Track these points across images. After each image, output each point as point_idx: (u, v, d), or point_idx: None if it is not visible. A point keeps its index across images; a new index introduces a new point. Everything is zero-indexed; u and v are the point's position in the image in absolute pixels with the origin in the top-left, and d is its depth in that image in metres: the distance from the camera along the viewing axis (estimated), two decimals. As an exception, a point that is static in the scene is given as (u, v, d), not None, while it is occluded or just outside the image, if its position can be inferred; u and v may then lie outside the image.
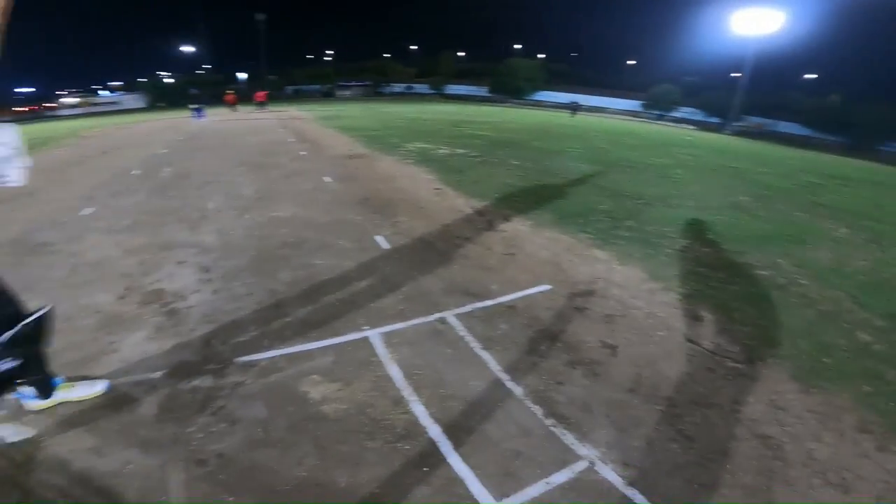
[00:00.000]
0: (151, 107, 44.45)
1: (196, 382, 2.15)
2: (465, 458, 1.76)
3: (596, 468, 1.75)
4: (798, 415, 2.11)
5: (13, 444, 1.86)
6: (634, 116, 40.67)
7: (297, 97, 52.13)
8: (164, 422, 1.90)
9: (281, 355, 2.37)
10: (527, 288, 3.23)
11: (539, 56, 56.42)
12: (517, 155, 9.45)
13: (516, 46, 61.39)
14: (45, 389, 1.95)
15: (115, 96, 47.50)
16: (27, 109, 45.50)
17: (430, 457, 1.76)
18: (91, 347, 2.39)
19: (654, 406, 2.11)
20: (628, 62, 59.08)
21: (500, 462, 1.75)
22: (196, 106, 21.05)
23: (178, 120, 19.46)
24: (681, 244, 4.29)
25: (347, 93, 55.66)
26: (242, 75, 55.26)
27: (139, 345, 2.43)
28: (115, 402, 2.01)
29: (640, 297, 3.19)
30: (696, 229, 4.81)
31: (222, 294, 3.03)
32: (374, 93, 56.62)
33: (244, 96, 31.37)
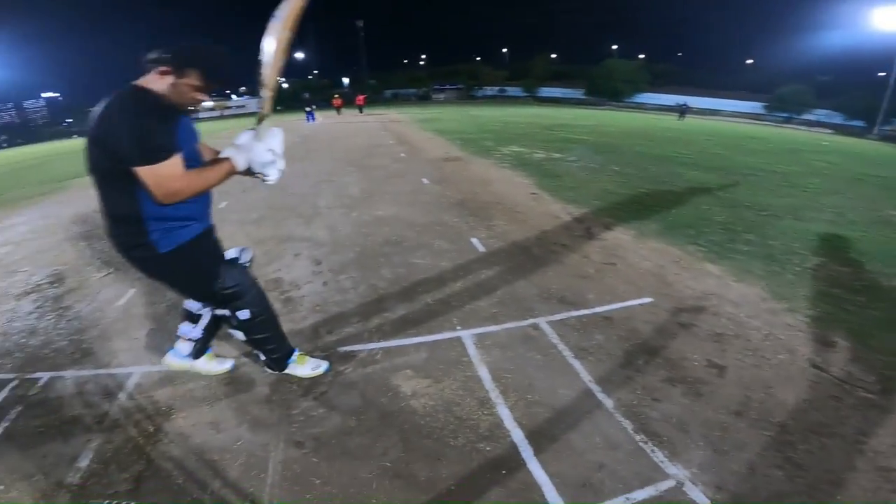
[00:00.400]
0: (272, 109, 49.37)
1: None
2: (545, 465, 1.73)
3: (684, 489, 1.63)
4: (932, 450, 1.81)
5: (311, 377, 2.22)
6: (755, 119, 36.65)
7: (395, 100, 54.72)
8: (273, 403, 2.08)
9: (379, 348, 2.51)
10: (626, 299, 3.08)
11: (639, 56, 53.37)
12: (618, 160, 9.01)
13: (613, 47, 58.63)
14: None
15: (243, 100, 53.41)
16: (171, 112, 52.55)
17: (510, 460, 1.76)
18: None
19: (761, 431, 1.91)
20: (747, 61, 53.48)
21: (580, 472, 1.70)
22: (309, 109, 23.12)
23: (293, 122, 21.38)
24: (812, 262, 3.79)
25: (441, 96, 57.25)
26: (346, 80, 59.17)
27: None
28: (236, 381, 2.24)
29: (758, 316, 2.88)
30: (832, 246, 4.22)
31: (331, 286, 3.31)
32: (468, 96, 57.51)
33: (348, 100, 33.68)
